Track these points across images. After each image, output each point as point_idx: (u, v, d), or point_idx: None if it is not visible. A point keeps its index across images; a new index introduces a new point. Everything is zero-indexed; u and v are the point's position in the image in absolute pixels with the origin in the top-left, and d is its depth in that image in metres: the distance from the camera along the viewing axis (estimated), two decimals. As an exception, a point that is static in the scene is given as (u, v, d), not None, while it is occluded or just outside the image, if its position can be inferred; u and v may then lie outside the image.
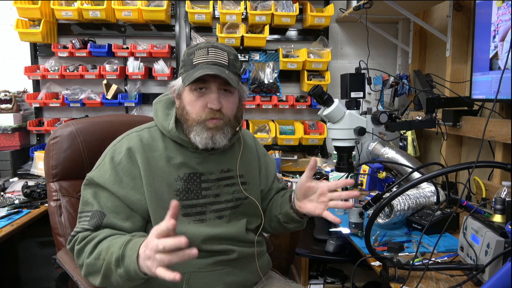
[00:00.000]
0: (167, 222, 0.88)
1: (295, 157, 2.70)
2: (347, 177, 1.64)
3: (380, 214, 1.53)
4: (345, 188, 1.63)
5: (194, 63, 1.13)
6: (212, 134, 1.14)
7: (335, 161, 1.59)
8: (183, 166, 1.18)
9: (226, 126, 1.16)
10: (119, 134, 1.28)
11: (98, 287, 1.08)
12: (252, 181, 1.31)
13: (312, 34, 2.85)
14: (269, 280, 1.33)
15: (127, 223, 1.13)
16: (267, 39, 2.66)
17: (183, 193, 1.17)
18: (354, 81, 1.45)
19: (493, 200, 1.44)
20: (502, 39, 1.61)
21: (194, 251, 0.86)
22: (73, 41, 2.61)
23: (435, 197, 1.56)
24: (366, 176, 2.18)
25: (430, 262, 1.14)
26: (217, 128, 1.14)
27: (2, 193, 2.14)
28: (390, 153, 1.68)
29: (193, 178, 1.19)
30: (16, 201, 1.97)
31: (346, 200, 1.21)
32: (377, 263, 1.24)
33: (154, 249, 0.88)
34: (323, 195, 1.19)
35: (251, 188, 1.30)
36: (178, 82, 1.18)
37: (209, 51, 1.14)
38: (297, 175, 2.51)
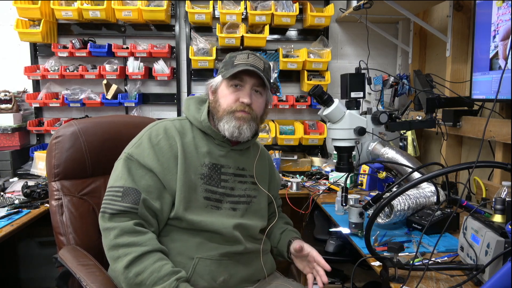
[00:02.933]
0: None
1: (295, 157, 2.70)
2: (347, 177, 1.65)
3: (380, 214, 1.53)
4: (345, 189, 1.64)
5: (235, 63, 1.27)
6: (239, 124, 1.25)
7: (335, 161, 1.60)
8: (208, 155, 1.29)
9: (252, 120, 1.28)
10: (122, 135, 1.33)
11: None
12: (262, 185, 1.40)
13: (312, 34, 2.85)
14: (270, 277, 1.37)
15: (157, 203, 1.19)
16: (267, 39, 2.66)
17: (207, 178, 1.27)
18: (354, 81, 1.46)
19: (493, 200, 1.44)
20: (503, 39, 1.60)
21: None
22: (73, 41, 2.61)
23: (435, 197, 1.56)
24: (366, 176, 2.19)
25: (430, 262, 1.14)
26: (244, 119, 1.26)
27: (2, 193, 2.14)
28: (390, 153, 1.68)
29: (215, 168, 1.29)
30: (16, 201, 1.97)
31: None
32: (377, 263, 1.24)
33: None
34: (312, 262, 1.38)
35: (262, 189, 1.39)
36: (217, 79, 1.31)
37: (249, 56, 1.28)
38: (297, 175, 2.51)
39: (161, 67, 2.69)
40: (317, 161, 2.76)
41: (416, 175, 1.52)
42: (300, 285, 1.41)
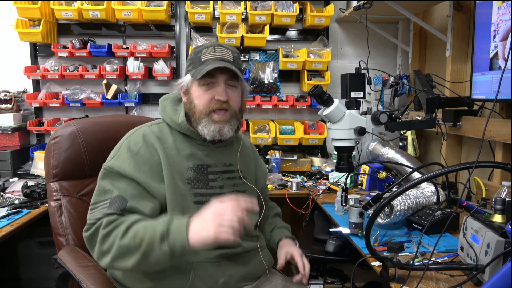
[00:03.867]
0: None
1: (295, 157, 2.70)
2: (347, 177, 1.65)
3: (380, 214, 1.53)
4: (345, 189, 1.64)
5: (202, 60, 1.21)
6: (219, 127, 1.22)
7: (335, 161, 1.60)
8: (192, 157, 1.25)
9: (232, 118, 1.25)
10: (120, 135, 1.29)
11: (128, 269, 1.08)
12: (249, 178, 1.38)
13: (312, 34, 2.85)
14: (270, 275, 1.36)
15: (147, 210, 1.15)
16: (267, 39, 2.66)
17: (194, 182, 1.23)
18: (354, 81, 1.45)
19: (493, 200, 1.44)
20: (503, 39, 1.60)
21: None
22: (73, 41, 2.61)
23: (435, 197, 1.56)
24: (366, 176, 2.18)
25: (430, 262, 1.14)
26: (224, 121, 1.22)
27: (2, 193, 2.14)
28: (390, 153, 1.68)
29: (201, 169, 1.25)
30: (16, 201, 1.97)
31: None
32: (377, 263, 1.24)
33: (240, 213, 1.00)
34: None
35: (250, 182, 1.37)
36: (186, 79, 1.26)
37: (216, 49, 1.22)
38: (297, 175, 2.51)
39: (161, 67, 2.68)
40: (317, 161, 2.76)
41: (416, 175, 1.52)
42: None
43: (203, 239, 1.00)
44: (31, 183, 2.13)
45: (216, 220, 0.99)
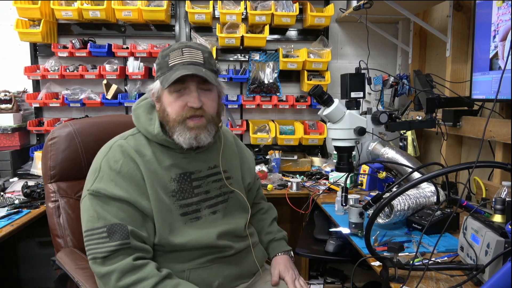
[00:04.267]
0: None
1: (295, 157, 2.70)
2: (347, 177, 1.65)
3: (380, 214, 1.53)
4: (345, 189, 1.64)
5: (170, 64, 1.14)
6: (195, 134, 1.16)
7: (335, 161, 1.60)
8: (174, 167, 1.20)
9: (209, 124, 1.19)
10: (117, 135, 1.27)
11: None
12: (235, 176, 1.36)
13: (312, 34, 2.85)
14: (265, 272, 1.37)
15: (143, 230, 1.12)
16: (267, 39, 2.66)
17: (178, 193, 1.19)
18: (354, 81, 1.45)
19: (493, 200, 1.44)
20: (503, 39, 1.60)
21: None
22: (73, 41, 2.61)
23: (435, 197, 1.56)
24: (366, 176, 2.18)
25: (430, 262, 1.14)
26: (199, 128, 1.16)
27: (2, 193, 2.14)
28: (390, 153, 1.68)
29: (184, 178, 1.21)
30: (16, 201, 1.97)
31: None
32: (377, 263, 1.24)
33: None
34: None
35: (235, 182, 1.34)
36: (156, 86, 1.19)
37: (184, 51, 1.15)
38: (297, 175, 2.51)
39: (161, 67, 2.68)
40: (317, 161, 2.76)
41: (416, 175, 1.52)
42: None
43: None
44: (31, 183, 2.13)
45: None
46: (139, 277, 1.06)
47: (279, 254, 1.41)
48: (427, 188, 1.62)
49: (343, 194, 1.66)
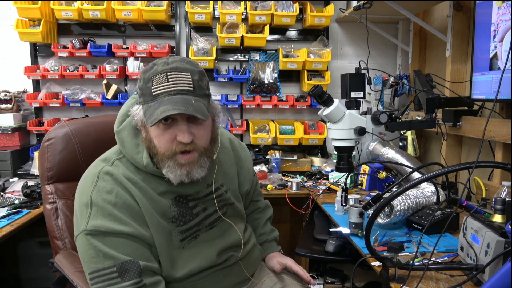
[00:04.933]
0: None
1: (295, 157, 2.70)
2: (347, 177, 1.65)
3: (380, 214, 1.53)
4: (345, 189, 1.64)
5: (153, 93, 1.00)
6: (187, 171, 1.05)
7: (335, 161, 1.60)
8: (169, 193, 1.11)
9: (201, 157, 1.07)
10: (114, 135, 1.24)
11: None
12: (232, 186, 1.28)
13: (312, 34, 2.85)
14: (262, 269, 1.36)
15: (153, 262, 1.05)
16: (267, 39, 2.66)
17: (179, 219, 1.11)
18: (354, 81, 1.46)
19: (493, 200, 1.44)
20: (502, 40, 1.60)
21: None
22: (73, 41, 2.61)
23: (435, 197, 1.56)
24: (366, 176, 2.18)
25: (430, 262, 1.14)
26: (191, 163, 1.05)
27: (2, 193, 2.14)
28: (390, 153, 1.68)
29: (181, 202, 1.13)
30: (16, 201, 1.97)
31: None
32: (377, 263, 1.24)
33: None
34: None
35: (232, 193, 1.27)
36: (140, 113, 1.04)
37: (169, 76, 0.99)
38: (297, 175, 2.51)
39: (161, 67, 2.68)
40: (317, 161, 2.76)
41: (416, 175, 1.52)
42: (292, 276, 1.39)
43: None
44: (31, 183, 2.13)
45: None
46: None
47: (272, 252, 1.42)
48: (427, 188, 1.62)
49: (343, 194, 1.66)
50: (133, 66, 2.67)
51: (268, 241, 1.44)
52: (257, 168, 2.50)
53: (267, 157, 2.65)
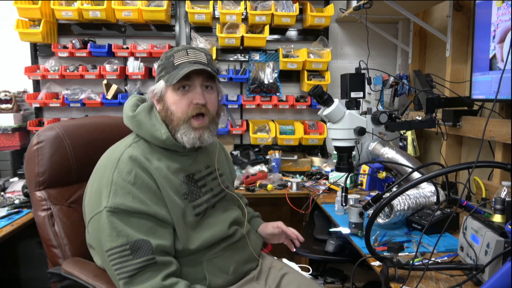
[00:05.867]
0: None
1: (295, 157, 2.70)
2: (347, 177, 1.65)
3: (380, 214, 1.53)
4: (345, 189, 1.64)
5: (175, 64, 1.17)
6: (199, 134, 1.18)
7: (335, 161, 1.60)
8: (180, 171, 1.21)
9: (211, 124, 1.22)
10: (107, 137, 1.26)
11: None
12: (225, 172, 1.43)
13: (312, 34, 2.86)
14: (265, 258, 1.43)
15: (166, 241, 1.10)
16: (267, 39, 2.66)
17: (189, 196, 1.20)
18: (354, 81, 1.46)
19: (493, 200, 1.44)
20: (500, 41, 1.60)
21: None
22: (73, 41, 2.61)
23: (435, 197, 1.56)
24: (366, 176, 2.19)
25: (430, 262, 1.15)
26: (203, 128, 1.19)
27: (2, 193, 2.15)
28: (390, 153, 1.68)
29: (189, 179, 1.23)
30: (16, 201, 1.97)
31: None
32: (377, 263, 1.24)
33: None
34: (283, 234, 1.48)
35: (226, 178, 1.41)
36: (159, 85, 1.20)
37: (188, 52, 1.18)
38: (297, 175, 2.51)
39: (161, 67, 2.68)
40: (317, 161, 2.76)
41: (416, 175, 1.52)
42: (294, 265, 1.49)
43: None
44: (31, 183, 2.13)
45: None
46: None
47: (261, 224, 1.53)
48: (427, 188, 1.62)
49: (343, 194, 1.66)
50: (133, 66, 2.67)
51: (254, 217, 1.55)
52: (257, 168, 2.50)
53: (267, 157, 2.65)
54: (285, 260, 1.51)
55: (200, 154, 1.30)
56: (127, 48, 2.70)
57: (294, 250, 1.53)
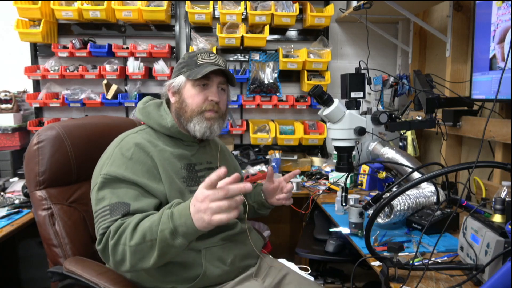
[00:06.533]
0: (217, 172, 0.95)
1: (295, 157, 2.70)
2: (347, 177, 1.65)
3: (380, 214, 1.53)
4: (345, 189, 1.64)
5: (199, 63, 1.29)
6: (210, 124, 1.30)
7: (335, 161, 1.60)
8: (182, 158, 1.30)
9: (220, 118, 1.33)
10: (106, 137, 1.29)
11: (150, 267, 1.07)
12: (230, 172, 1.38)
13: (312, 34, 2.86)
14: (265, 258, 1.44)
15: (151, 207, 1.16)
16: (267, 39, 2.66)
17: (188, 180, 1.28)
18: (354, 81, 1.46)
19: (493, 200, 1.44)
20: (500, 42, 1.60)
21: (248, 185, 0.95)
22: (73, 41, 2.61)
23: (435, 197, 1.56)
24: (366, 176, 2.19)
25: (430, 262, 1.15)
26: (214, 119, 1.30)
27: (2, 193, 2.15)
28: (390, 153, 1.68)
29: (190, 168, 1.31)
30: (16, 201, 1.97)
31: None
32: (377, 263, 1.24)
33: (210, 198, 0.95)
34: (285, 188, 1.48)
35: (229, 174, 1.39)
36: (178, 80, 1.32)
37: (210, 55, 1.32)
38: (297, 175, 2.51)
39: (161, 67, 2.69)
40: (317, 161, 2.76)
41: (416, 175, 1.52)
42: (292, 266, 1.50)
43: (205, 225, 0.99)
44: (31, 183, 2.13)
45: (204, 207, 0.97)
46: (126, 222, 1.09)
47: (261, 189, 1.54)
48: (427, 188, 1.62)
49: (343, 194, 1.66)
50: (133, 66, 2.67)
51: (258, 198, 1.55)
52: (257, 168, 2.50)
53: (267, 157, 2.65)
54: (284, 261, 1.52)
55: (203, 148, 1.38)
56: (127, 48, 2.70)
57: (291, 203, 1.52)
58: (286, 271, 1.39)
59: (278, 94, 2.78)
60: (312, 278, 1.48)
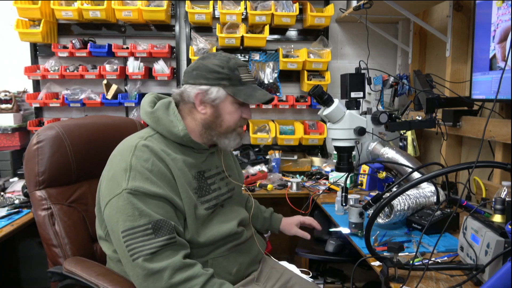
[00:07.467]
0: None
1: (295, 157, 2.70)
2: (347, 177, 1.65)
3: (380, 214, 1.53)
4: (345, 189, 1.64)
5: (243, 80, 1.25)
6: (240, 138, 1.32)
7: (335, 161, 1.60)
8: (192, 166, 1.25)
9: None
10: (106, 137, 1.27)
11: None
12: (234, 174, 1.46)
13: (312, 34, 2.86)
14: (267, 260, 1.46)
15: (180, 227, 1.15)
16: (267, 39, 2.66)
17: (199, 191, 1.24)
18: (354, 81, 1.46)
19: (493, 200, 1.44)
20: (500, 41, 1.60)
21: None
22: (73, 41, 2.61)
23: (435, 197, 1.56)
24: (366, 176, 2.18)
25: (430, 262, 1.14)
26: (242, 134, 1.34)
27: (2, 193, 2.14)
28: (390, 153, 1.68)
29: (200, 176, 1.27)
30: (16, 201, 1.97)
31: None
32: (377, 263, 1.24)
33: None
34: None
35: (234, 179, 1.45)
36: (217, 93, 1.22)
37: (248, 70, 1.30)
38: (297, 175, 2.51)
39: (161, 67, 2.69)
40: (317, 161, 2.76)
41: (416, 175, 1.52)
42: (294, 268, 1.51)
43: None
44: (31, 183, 2.13)
45: None
46: (190, 274, 1.08)
47: (282, 218, 1.66)
48: (427, 188, 1.62)
49: (343, 194, 1.66)
50: (133, 66, 2.67)
51: (273, 212, 1.67)
52: (257, 168, 2.50)
53: (267, 157, 2.65)
54: (285, 263, 1.52)
55: (211, 155, 1.34)
56: (127, 48, 2.70)
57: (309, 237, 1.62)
58: (288, 274, 1.39)
59: (278, 94, 2.78)
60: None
